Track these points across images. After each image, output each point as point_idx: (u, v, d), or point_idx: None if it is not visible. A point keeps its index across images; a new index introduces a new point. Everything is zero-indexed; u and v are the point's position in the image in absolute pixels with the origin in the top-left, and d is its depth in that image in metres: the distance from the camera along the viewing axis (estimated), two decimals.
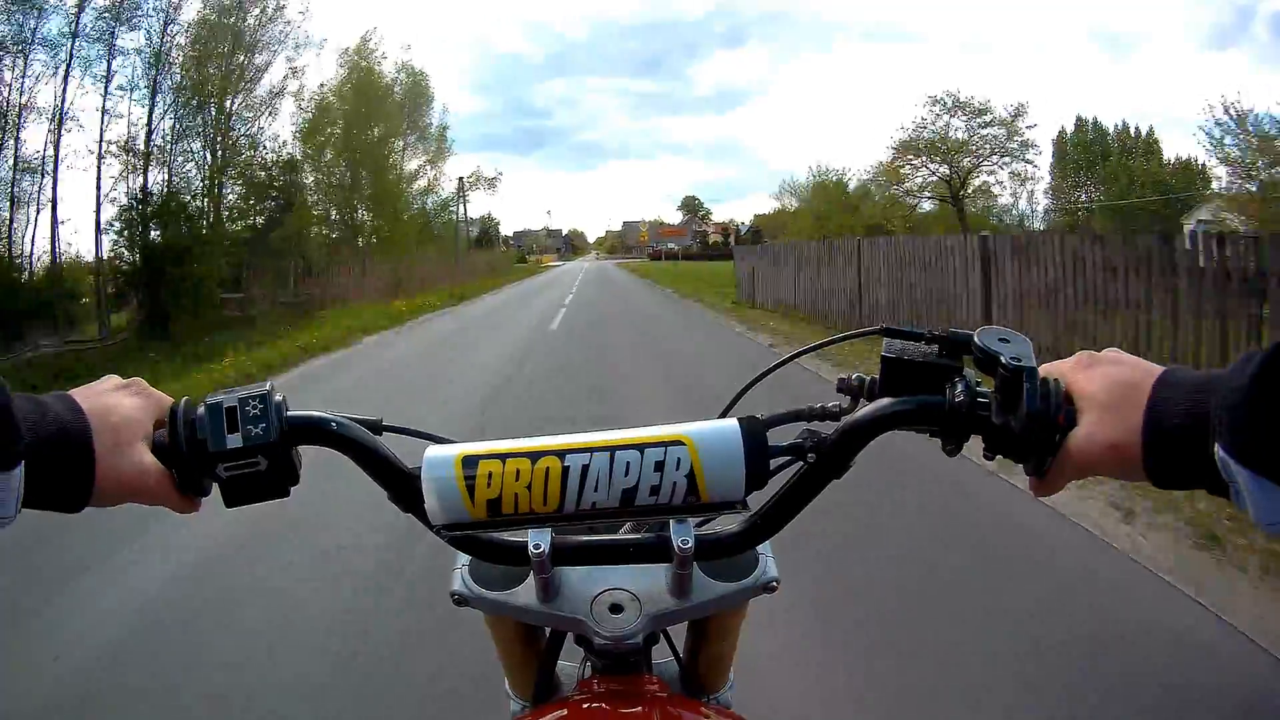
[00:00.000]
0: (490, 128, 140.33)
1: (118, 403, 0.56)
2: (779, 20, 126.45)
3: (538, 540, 0.61)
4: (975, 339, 0.56)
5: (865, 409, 0.58)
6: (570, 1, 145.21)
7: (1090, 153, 53.50)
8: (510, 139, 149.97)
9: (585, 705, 0.68)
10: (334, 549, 3.49)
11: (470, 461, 0.56)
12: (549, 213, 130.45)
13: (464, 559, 0.69)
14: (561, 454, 0.55)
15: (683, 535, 0.59)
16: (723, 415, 0.63)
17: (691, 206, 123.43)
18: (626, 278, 39.77)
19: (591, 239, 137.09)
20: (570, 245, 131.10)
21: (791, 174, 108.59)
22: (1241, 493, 0.42)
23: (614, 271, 51.39)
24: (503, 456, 0.56)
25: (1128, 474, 0.49)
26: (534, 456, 0.55)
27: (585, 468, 0.55)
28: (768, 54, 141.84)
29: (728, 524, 0.63)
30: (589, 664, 0.74)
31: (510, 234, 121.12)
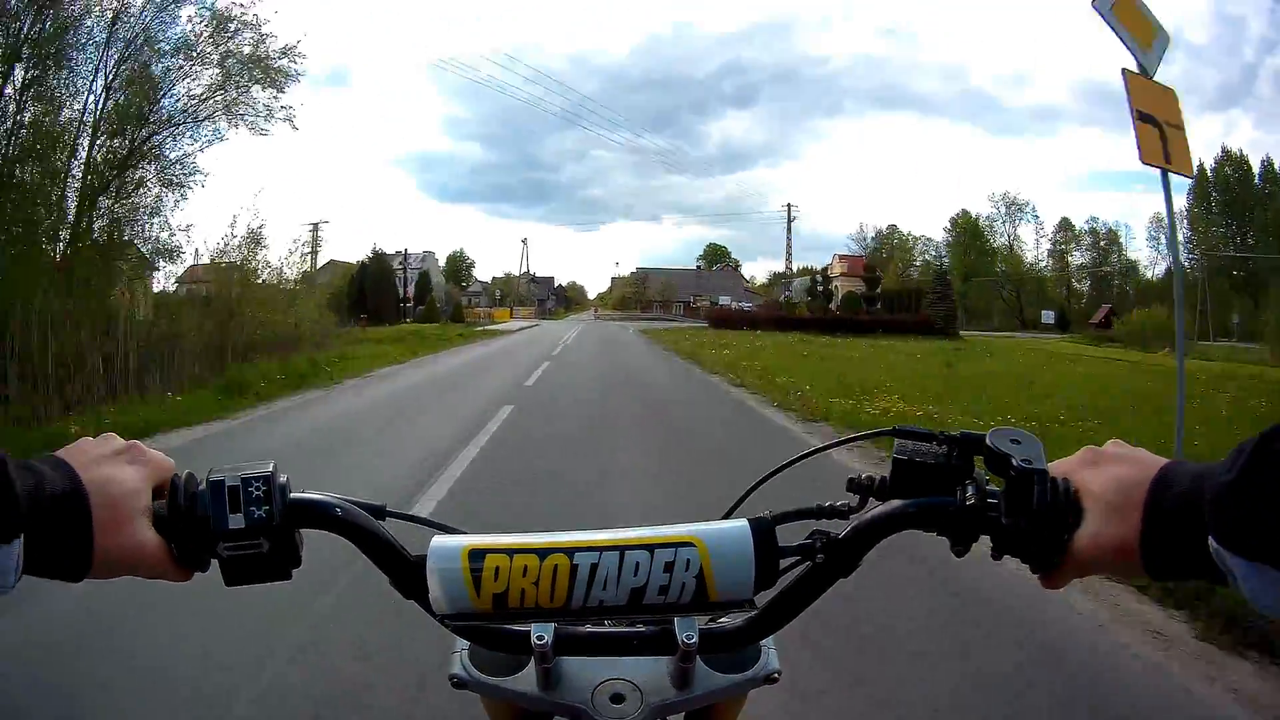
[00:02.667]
0: (498, 179, 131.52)
1: (116, 473, 0.54)
2: (788, 82, 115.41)
3: (541, 632, 0.62)
4: (987, 440, 0.56)
5: (874, 510, 0.59)
6: (582, 54, 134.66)
7: (1230, 193, 50.53)
8: (517, 191, 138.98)
9: None
10: None
11: (477, 554, 0.56)
12: (524, 242, 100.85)
13: (463, 644, 0.69)
14: (570, 551, 0.55)
15: (687, 630, 0.61)
16: (731, 511, 0.65)
17: (718, 256, 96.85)
18: None
19: (593, 294, 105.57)
20: (564, 298, 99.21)
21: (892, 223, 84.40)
22: (1238, 580, 0.44)
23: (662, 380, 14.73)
24: (510, 551, 0.56)
25: (1129, 570, 0.50)
26: (542, 553, 0.55)
27: (594, 566, 0.55)
28: (776, 115, 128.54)
29: (733, 618, 0.64)
30: None
31: (488, 279, 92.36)
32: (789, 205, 61.06)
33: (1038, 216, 71.61)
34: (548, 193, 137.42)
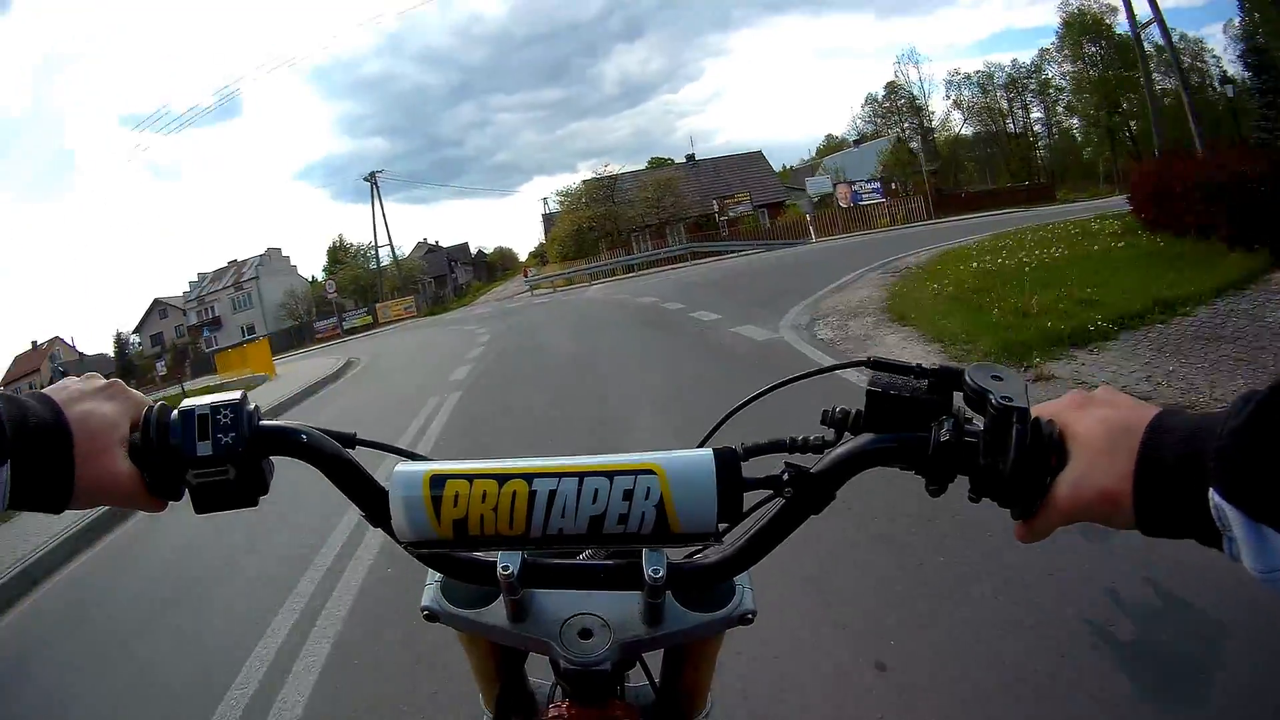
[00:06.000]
0: (406, 167, 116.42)
1: (96, 407, 0.56)
2: (673, 5, 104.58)
3: (506, 562, 0.60)
4: (966, 375, 0.54)
5: (847, 444, 0.56)
6: (466, 26, 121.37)
7: None
8: (427, 175, 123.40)
9: None
10: None
11: (438, 480, 0.55)
12: (371, 181, 43.23)
13: (436, 576, 0.68)
14: (529, 477, 0.54)
15: (654, 564, 0.59)
16: (702, 444, 0.63)
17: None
18: None
19: (526, 257, 74.52)
20: (484, 268, 68.59)
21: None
22: (1235, 540, 0.41)
23: None
24: (470, 477, 0.55)
25: (1117, 520, 0.47)
26: (501, 479, 0.55)
27: (552, 493, 0.54)
28: (667, 41, 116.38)
29: (705, 554, 0.63)
30: (559, 688, 0.72)
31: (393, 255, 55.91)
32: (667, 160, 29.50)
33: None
34: (458, 168, 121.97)
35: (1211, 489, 0.41)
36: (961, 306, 7.13)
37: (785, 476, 0.56)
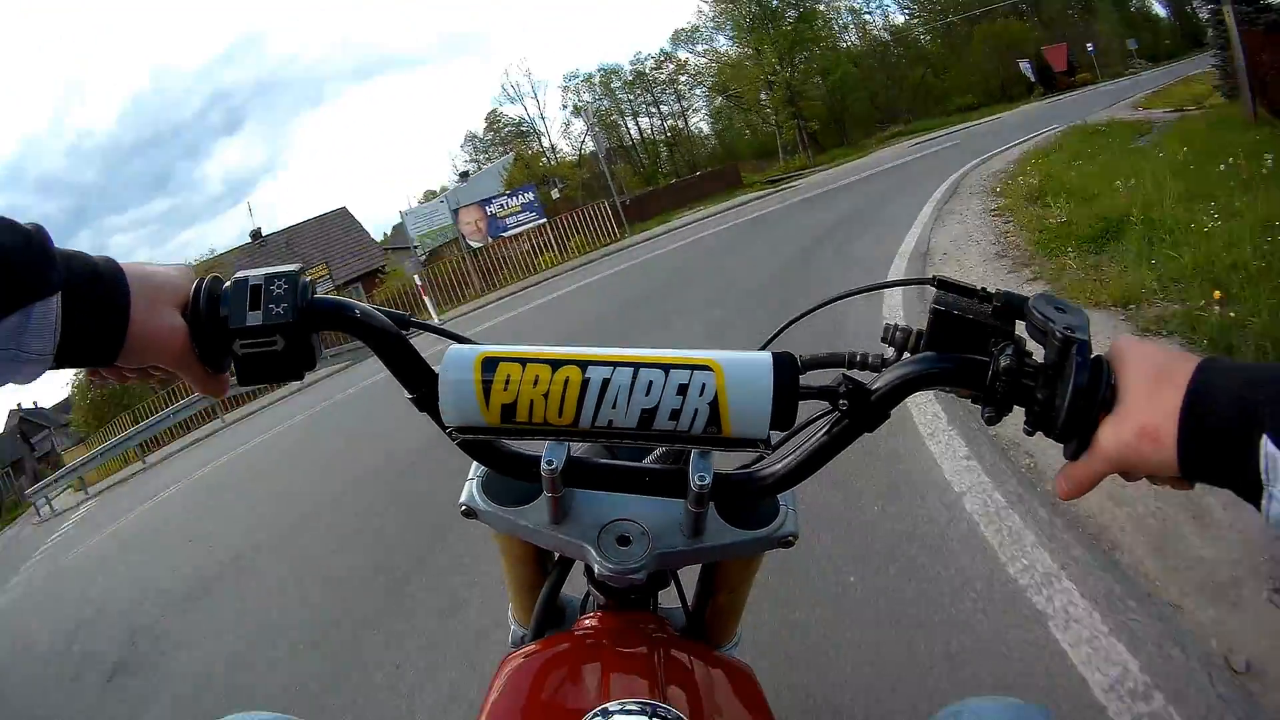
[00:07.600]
0: None
1: (157, 270, 0.57)
2: (269, 91, 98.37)
3: (551, 456, 0.59)
4: (1031, 303, 0.52)
5: (907, 362, 0.55)
6: (78, 143, 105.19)
7: None
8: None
9: (589, 641, 0.66)
10: None
11: (490, 364, 0.54)
12: None
13: (478, 471, 0.67)
14: (584, 364, 0.53)
15: (701, 470, 0.58)
16: (764, 347, 0.62)
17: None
18: None
19: None
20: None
21: None
22: (1277, 499, 0.40)
23: None
24: (524, 361, 0.54)
25: (1159, 462, 0.45)
26: (555, 364, 0.54)
27: (606, 382, 0.53)
28: (267, 127, 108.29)
29: (752, 467, 0.62)
30: (590, 596, 0.72)
31: None
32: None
33: None
34: None
35: (1265, 436, 0.39)
36: None
37: (842, 389, 0.54)
